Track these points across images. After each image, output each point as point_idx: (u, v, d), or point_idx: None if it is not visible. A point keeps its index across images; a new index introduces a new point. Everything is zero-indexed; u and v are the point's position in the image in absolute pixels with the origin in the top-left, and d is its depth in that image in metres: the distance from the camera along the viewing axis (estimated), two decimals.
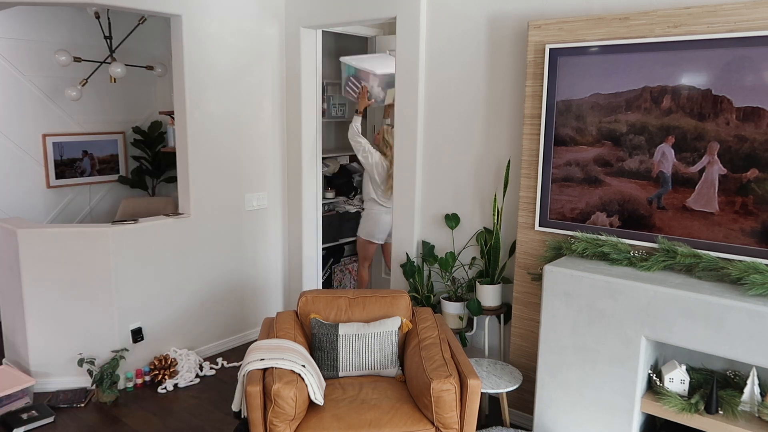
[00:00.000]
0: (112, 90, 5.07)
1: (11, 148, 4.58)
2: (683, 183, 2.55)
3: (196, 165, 3.83)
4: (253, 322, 4.35)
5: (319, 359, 2.81)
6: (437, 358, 2.58)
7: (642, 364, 2.47)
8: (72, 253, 3.41)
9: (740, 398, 2.35)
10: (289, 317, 2.98)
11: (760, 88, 2.32)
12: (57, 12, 4.66)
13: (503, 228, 3.30)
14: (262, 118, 4.19)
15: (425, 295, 3.51)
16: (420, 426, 2.45)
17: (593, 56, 2.71)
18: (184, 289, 3.88)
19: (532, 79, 2.94)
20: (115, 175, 5.24)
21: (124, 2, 3.39)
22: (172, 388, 3.58)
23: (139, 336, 3.65)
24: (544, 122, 2.89)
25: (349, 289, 3.68)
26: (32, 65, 4.60)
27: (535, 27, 2.89)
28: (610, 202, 2.75)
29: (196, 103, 3.77)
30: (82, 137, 4.96)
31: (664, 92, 2.54)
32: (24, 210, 4.69)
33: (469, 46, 3.31)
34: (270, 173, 4.31)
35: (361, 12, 3.76)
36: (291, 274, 4.53)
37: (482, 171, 3.37)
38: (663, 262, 2.54)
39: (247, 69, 4.03)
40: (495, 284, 3.23)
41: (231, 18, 3.88)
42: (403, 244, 3.73)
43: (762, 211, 2.37)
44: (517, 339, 3.16)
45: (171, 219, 3.77)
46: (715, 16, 2.40)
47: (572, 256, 2.79)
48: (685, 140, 2.52)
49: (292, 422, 2.38)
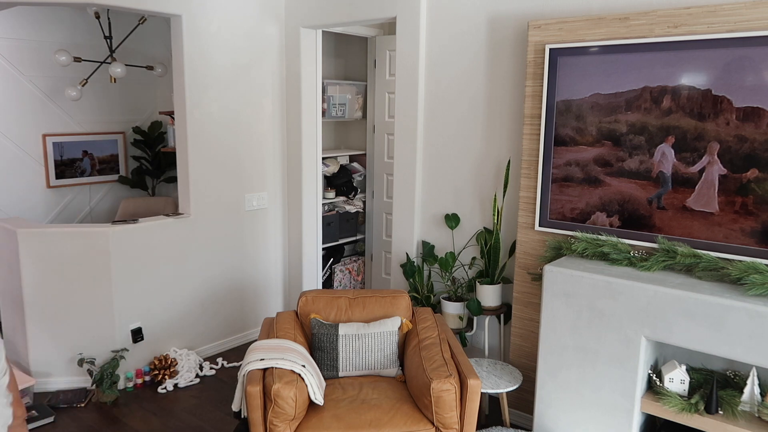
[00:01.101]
0: (112, 90, 5.07)
1: (11, 148, 4.58)
2: (683, 183, 2.55)
3: (196, 165, 3.83)
4: (253, 322, 4.35)
5: (319, 359, 2.81)
6: (437, 358, 2.58)
7: (642, 364, 2.47)
8: (72, 253, 3.41)
9: (740, 398, 2.35)
10: (289, 317, 2.98)
11: (760, 88, 2.32)
12: (57, 12, 4.66)
13: (503, 228, 3.30)
14: (262, 118, 4.20)
15: (425, 295, 3.51)
16: (420, 426, 2.45)
17: (593, 56, 2.71)
18: (184, 289, 3.89)
19: (532, 79, 2.94)
20: (115, 175, 5.24)
21: (124, 2, 3.39)
22: (172, 388, 3.58)
23: (139, 336, 3.65)
24: (544, 122, 2.89)
25: (349, 289, 3.68)
26: (32, 65, 4.60)
27: (535, 27, 2.89)
28: (610, 202, 2.75)
29: (196, 103, 3.77)
30: (82, 137, 4.96)
31: (664, 92, 2.54)
32: (24, 210, 4.70)
33: (469, 46, 3.31)
34: (270, 173, 4.32)
35: (361, 12, 3.76)
36: (291, 274, 4.53)
37: (482, 171, 3.37)
38: (663, 262, 2.54)
39: (247, 69, 4.04)
40: (495, 284, 3.23)
41: (231, 18, 3.88)
42: (403, 244, 3.73)
43: (762, 211, 2.37)
44: (517, 339, 3.16)
45: (171, 219, 3.77)
46: (715, 16, 2.40)
47: (572, 256, 2.79)
48: (685, 140, 2.52)
49: (292, 422, 2.38)
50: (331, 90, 4.91)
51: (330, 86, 4.90)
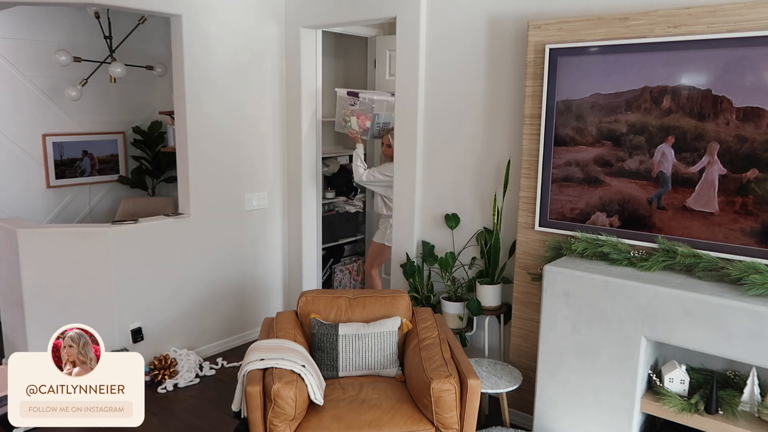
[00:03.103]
0: (112, 90, 5.06)
1: (11, 148, 4.58)
2: (683, 183, 2.55)
3: (196, 165, 3.83)
4: (253, 322, 4.35)
5: (319, 359, 2.81)
6: (437, 358, 2.58)
7: (642, 364, 2.47)
8: (72, 253, 3.41)
9: (740, 398, 2.35)
10: (289, 317, 2.98)
11: (760, 88, 2.32)
12: (57, 12, 4.66)
13: (503, 228, 3.29)
14: (262, 118, 4.19)
15: (425, 295, 3.51)
16: (420, 426, 2.45)
17: (593, 56, 2.71)
18: (184, 289, 3.88)
19: (532, 79, 2.93)
20: (115, 175, 5.23)
21: (124, 2, 3.39)
22: (172, 388, 3.57)
23: (139, 336, 3.65)
24: (544, 122, 2.89)
25: (349, 289, 3.68)
26: (32, 65, 4.60)
27: (535, 27, 2.89)
28: (610, 202, 2.75)
29: (196, 103, 3.76)
30: (82, 137, 4.95)
31: (664, 92, 2.54)
32: (24, 210, 4.69)
33: (469, 46, 3.31)
34: (270, 173, 4.31)
35: (361, 12, 3.76)
36: (291, 274, 4.53)
37: (482, 171, 3.37)
38: (663, 262, 2.54)
39: (247, 69, 4.03)
40: (495, 284, 3.23)
41: (231, 18, 3.88)
42: (403, 244, 3.73)
43: (762, 211, 2.37)
44: (517, 339, 3.16)
45: (171, 219, 3.77)
46: (715, 16, 2.40)
47: (572, 256, 2.79)
48: (685, 140, 2.51)
49: (292, 422, 2.38)
50: (377, 107, 4.22)
51: (377, 103, 4.20)
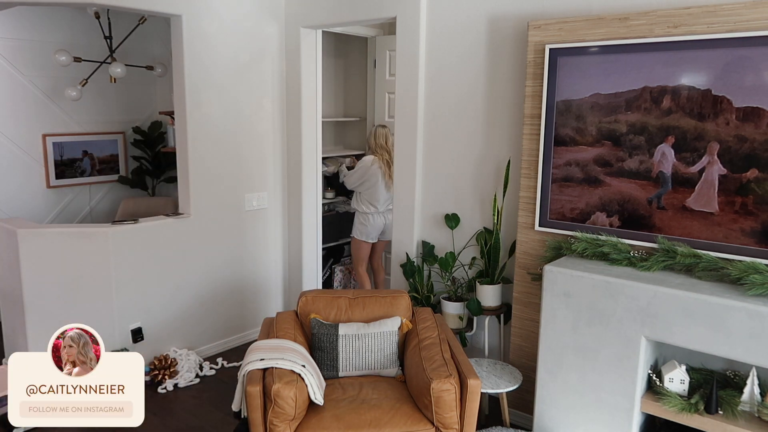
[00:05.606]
0: (112, 90, 5.06)
1: (11, 148, 4.58)
2: (683, 183, 2.55)
3: (196, 165, 3.83)
4: (253, 322, 4.35)
5: (319, 359, 2.81)
6: (437, 358, 2.58)
7: (642, 364, 2.47)
8: (72, 253, 3.41)
9: (740, 398, 2.35)
10: (289, 317, 2.98)
11: (760, 88, 2.32)
12: (57, 12, 4.66)
13: (503, 228, 3.29)
14: (262, 118, 4.19)
15: (425, 295, 3.51)
16: (420, 426, 2.45)
17: (593, 56, 2.71)
18: (184, 289, 3.88)
19: (532, 79, 2.93)
20: (115, 175, 5.23)
21: (124, 2, 3.39)
22: (172, 388, 3.57)
23: (139, 336, 3.65)
24: (544, 122, 2.89)
25: (349, 289, 3.68)
26: (32, 65, 4.60)
27: (535, 27, 2.89)
28: (610, 202, 2.75)
29: (196, 103, 3.76)
30: (82, 137, 4.95)
31: (664, 92, 2.54)
32: (24, 210, 4.69)
33: (470, 46, 3.31)
34: (270, 173, 4.31)
35: (361, 12, 3.76)
36: (291, 274, 4.53)
37: (482, 171, 3.37)
38: (663, 262, 2.54)
39: (247, 69, 4.03)
40: (495, 284, 3.23)
41: (231, 18, 3.88)
42: (403, 244, 3.73)
43: (762, 211, 2.37)
44: (517, 339, 3.16)
45: (171, 219, 3.77)
46: (715, 16, 2.40)
47: (572, 256, 2.79)
48: (685, 140, 2.52)
49: (292, 422, 2.38)
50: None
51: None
